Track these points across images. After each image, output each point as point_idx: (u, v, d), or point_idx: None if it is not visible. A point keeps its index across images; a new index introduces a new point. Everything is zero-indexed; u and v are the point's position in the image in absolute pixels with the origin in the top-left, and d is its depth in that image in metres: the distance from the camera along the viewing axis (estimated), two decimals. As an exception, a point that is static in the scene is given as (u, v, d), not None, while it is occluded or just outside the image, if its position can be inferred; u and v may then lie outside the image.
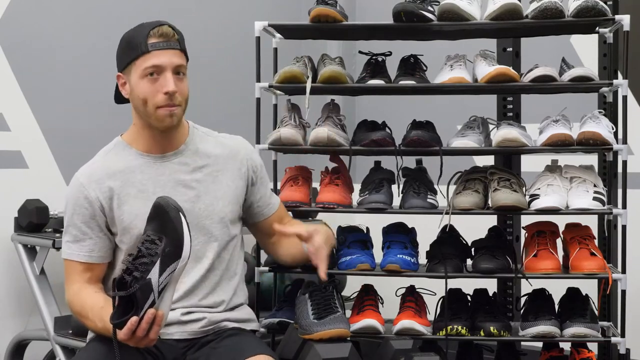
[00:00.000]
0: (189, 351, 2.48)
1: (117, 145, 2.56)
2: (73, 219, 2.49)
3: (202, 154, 2.56)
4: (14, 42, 3.90)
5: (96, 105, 4.15)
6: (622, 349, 2.88)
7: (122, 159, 2.52)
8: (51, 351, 3.71)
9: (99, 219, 2.48)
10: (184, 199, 2.48)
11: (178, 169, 2.53)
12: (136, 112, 2.51)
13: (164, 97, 2.43)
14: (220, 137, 2.64)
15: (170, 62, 2.44)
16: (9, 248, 3.77)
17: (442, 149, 2.98)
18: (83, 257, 2.48)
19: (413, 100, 3.50)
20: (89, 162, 2.55)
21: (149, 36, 2.43)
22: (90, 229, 2.48)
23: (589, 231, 3.02)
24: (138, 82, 2.44)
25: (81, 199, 2.48)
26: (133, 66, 2.45)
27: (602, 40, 3.29)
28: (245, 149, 2.65)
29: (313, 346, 2.57)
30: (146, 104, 2.45)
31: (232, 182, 2.58)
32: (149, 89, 2.43)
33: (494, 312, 2.98)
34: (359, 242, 3.03)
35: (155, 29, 2.44)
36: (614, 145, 2.90)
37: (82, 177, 2.51)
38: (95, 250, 2.49)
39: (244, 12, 4.67)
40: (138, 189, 2.49)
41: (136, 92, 2.46)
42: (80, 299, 2.45)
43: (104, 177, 2.49)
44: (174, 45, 2.45)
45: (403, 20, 2.97)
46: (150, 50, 2.42)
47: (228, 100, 4.53)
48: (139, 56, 2.43)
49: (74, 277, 2.49)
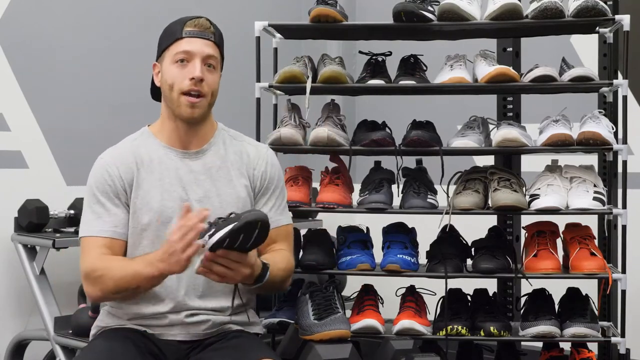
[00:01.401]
0: (192, 352, 2.47)
1: (143, 134, 2.59)
2: (96, 196, 2.48)
3: (221, 156, 2.57)
4: (14, 42, 3.90)
5: (96, 105, 4.15)
6: (622, 349, 2.88)
7: (146, 147, 2.54)
8: (51, 351, 3.71)
9: (122, 196, 2.49)
10: (194, 197, 2.49)
11: (196, 166, 2.53)
12: (164, 100, 2.55)
13: (189, 83, 2.46)
14: (246, 142, 2.64)
15: (201, 50, 2.48)
16: (9, 248, 3.77)
17: (442, 149, 2.98)
18: (106, 232, 2.46)
19: (413, 100, 3.50)
20: (114, 146, 2.58)
21: (185, 25, 2.50)
22: (115, 206, 2.48)
23: (589, 231, 3.02)
24: (169, 67, 2.49)
25: (105, 175, 2.49)
26: (167, 52, 2.50)
27: (602, 40, 3.29)
28: (265, 159, 2.62)
29: (314, 347, 2.57)
30: (172, 89, 2.48)
31: (243, 188, 2.57)
32: (178, 74, 2.47)
33: (494, 312, 2.98)
34: (359, 242, 3.03)
35: (193, 20, 2.51)
36: (614, 145, 2.90)
37: (106, 156, 2.53)
38: (119, 226, 2.47)
39: (244, 12, 4.67)
40: (156, 178, 2.50)
41: (165, 77, 2.50)
42: (105, 259, 2.42)
43: (129, 160, 2.51)
44: (208, 36, 2.50)
45: (403, 20, 2.97)
46: (183, 36, 2.48)
47: (228, 100, 4.53)
48: (172, 42, 2.49)
49: (93, 251, 2.44)
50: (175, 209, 2.46)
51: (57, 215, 3.76)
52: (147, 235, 2.47)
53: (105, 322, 2.51)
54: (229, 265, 2.30)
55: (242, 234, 2.24)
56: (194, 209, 2.37)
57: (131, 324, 2.48)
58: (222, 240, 2.24)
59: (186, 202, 2.45)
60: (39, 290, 3.68)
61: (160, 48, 2.54)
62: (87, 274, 2.42)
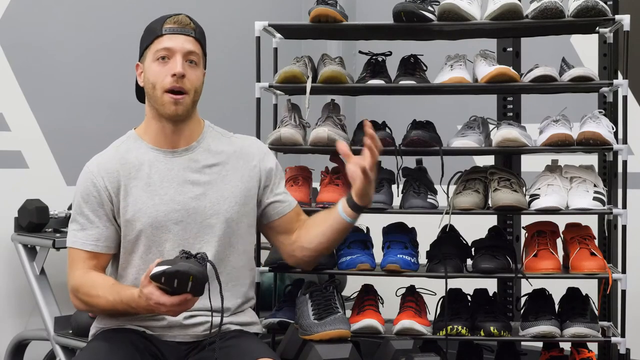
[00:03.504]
0: (191, 353, 2.47)
1: (129, 137, 2.56)
2: (81, 207, 2.49)
3: (213, 152, 2.56)
4: (14, 42, 3.90)
5: (96, 105, 4.16)
6: (622, 349, 2.88)
7: (133, 151, 2.52)
8: (51, 351, 3.71)
9: (107, 207, 2.48)
10: (190, 196, 2.48)
11: (187, 165, 2.52)
12: (148, 100, 2.53)
13: (171, 80, 2.44)
14: (234, 137, 2.64)
15: (182, 46, 2.46)
16: (9, 248, 3.77)
17: (442, 149, 2.98)
18: (89, 246, 2.47)
19: (413, 100, 3.50)
20: (100, 153, 2.56)
21: (165, 22, 2.48)
22: (98, 218, 2.48)
23: (589, 231, 3.02)
24: (150, 66, 2.47)
25: (90, 187, 2.48)
26: (148, 51, 2.49)
27: (602, 40, 3.29)
28: (259, 149, 2.63)
29: (314, 347, 2.57)
30: (155, 87, 2.46)
31: (242, 182, 2.56)
32: (159, 71, 2.45)
33: (494, 312, 2.97)
34: (359, 242, 3.03)
35: (172, 17, 2.49)
36: (614, 145, 2.90)
37: (92, 165, 2.51)
38: (101, 240, 2.48)
39: (244, 12, 4.67)
40: (145, 182, 2.48)
41: (147, 76, 2.48)
42: (90, 278, 2.44)
43: (114, 167, 2.49)
44: (189, 32, 2.48)
45: (403, 20, 2.97)
46: (163, 33, 2.46)
47: (228, 100, 4.53)
48: (153, 40, 2.47)
49: (79, 264, 2.47)
50: (169, 212, 2.46)
51: (57, 215, 3.76)
52: (142, 242, 2.47)
53: (104, 323, 2.51)
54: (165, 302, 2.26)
55: (176, 279, 2.19)
56: (191, 207, 2.41)
57: (130, 325, 2.48)
58: (158, 275, 2.20)
59: (180, 202, 2.45)
60: (39, 290, 3.68)
61: (142, 47, 2.51)
62: (73, 289, 2.47)
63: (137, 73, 2.54)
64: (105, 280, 2.45)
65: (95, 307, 2.46)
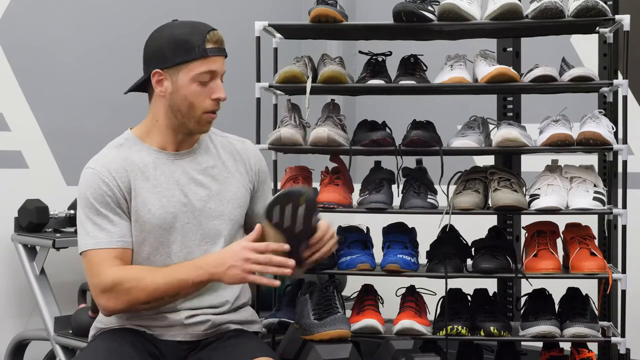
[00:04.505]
0: (191, 353, 2.47)
1: (128, 139, 2.52)
2: (96, 208, 2.41)
3: (213, 154, 2.55)
4: (14, 42, 3.90)
5: (96, 105, 4.15)
6: (622, 349, 2.88)
7: (135, 153, 2.48)
8: (51, 351, 3.71)
9: (123, 205, 2.43)
10: (197, 197, 2.48)
11: (190, 167, 2.51)
12: (170, 112, 2.46)
13: (212, 103, 2.45)
14: (230, 138, 2.63)
15: (222, 69, 2.47)
16: (9, 248, 3.77)
17: (442, 149, 2.98)
18: (117, 243, 2.41)
19: (413, 100, 3.50)
20: (99, 155, 2.49)
21: (206, 41, 2.43)
22: (118, 216, 2.42)
23: (589, 231, 3.02)
24: (188, 85, 2.42)
25: (103, 187, 2.42)
26: (185, 67, 2.42)
27: (602, 40, 3.29)
28: (255, 155, 2.63)
29: (314, 347, 2.57)
30: (193, 107, 2.43)
31: (242, 185, 2.56)
32: (200, 92, 2.43)
33: (494, 312, 2.98)
34: (359, 242, 3.03)
35: (211, 33, 2.44)
36: (614, 145, 2.90)
37: (97, 166, 2.45)
38: (127, 235, 2.43)
39: (244, 12, 4.67)
40: (152, 184, 2.46)
41: (183, 94, 2.43)
42: (132, 270, 2.39)
43: (122, 167, 2.45)
44: (225, 53, 2.49)
45: (403, 20, 2.97)
46: (209, 55, 2.42)
47: (228, 100, 4.52)
48: (195, 59, 2.41)
49: (107, 263, 2.38)
50: (177, 213, 2.46)
51: (57, 215, 3.76)
52: (149, 243, 2.45)
53: (104, 323, 2.51)
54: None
55: (291, 203, 2.28)
56: (197, 209, 2.43)
57: (130, 324, 2.47)
58: (271, 205, 2.30)
59: (187, 204, 2.45)
60: (39, 290, 3.68)
61: (173, 60, 2.41)
62: (110, 287, 2.36)
63: (153, 79, 2.44)
64: (146, 268, 2.41)
65: (138, 299, 2.36)
